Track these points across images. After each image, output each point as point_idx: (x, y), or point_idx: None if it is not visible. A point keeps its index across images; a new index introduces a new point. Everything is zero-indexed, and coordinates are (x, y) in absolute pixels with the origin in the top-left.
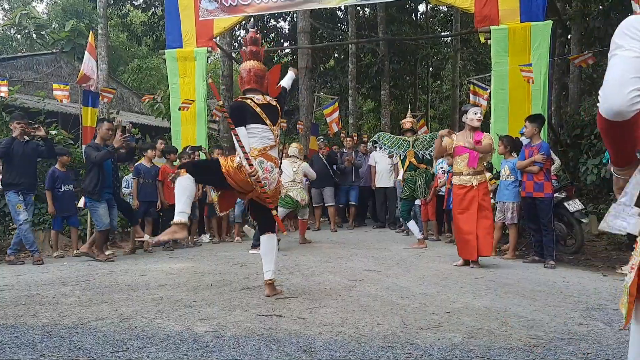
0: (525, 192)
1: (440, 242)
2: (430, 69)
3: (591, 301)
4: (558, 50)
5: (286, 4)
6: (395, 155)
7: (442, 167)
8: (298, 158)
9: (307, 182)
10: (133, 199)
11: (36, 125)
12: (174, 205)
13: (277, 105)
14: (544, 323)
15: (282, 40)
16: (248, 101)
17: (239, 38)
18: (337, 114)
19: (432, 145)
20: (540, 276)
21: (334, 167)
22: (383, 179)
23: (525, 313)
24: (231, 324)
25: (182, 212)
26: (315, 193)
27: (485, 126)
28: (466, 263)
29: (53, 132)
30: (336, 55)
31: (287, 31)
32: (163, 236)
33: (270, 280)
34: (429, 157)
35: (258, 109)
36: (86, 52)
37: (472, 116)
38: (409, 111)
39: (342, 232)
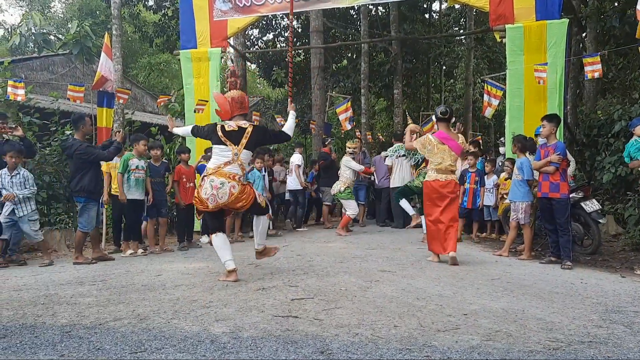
0: (541, 192)
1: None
2: (444, 67)
3: (610, 303)
4: (574, 49)
5: (299, 4)
6: (412, 159)
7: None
8: (348, 154)
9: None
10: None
11: (13, 125)
12: (189, 205)
13: (251, 130)
14: (563, 325)
15: (295, 40)
16: (218, 127)
17: (252, 38)
18: (349, 112)
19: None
20: (558, 277)
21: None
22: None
23: (544, 315)
24: (248, 325)
25: (227, 261)
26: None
27: (500, 125)
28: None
29: (68, 132)
30: (349, 54)
31: (299, 30)
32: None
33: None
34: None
35: (223, 137)
36: (102, 53)
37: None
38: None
39: (355, 232)
